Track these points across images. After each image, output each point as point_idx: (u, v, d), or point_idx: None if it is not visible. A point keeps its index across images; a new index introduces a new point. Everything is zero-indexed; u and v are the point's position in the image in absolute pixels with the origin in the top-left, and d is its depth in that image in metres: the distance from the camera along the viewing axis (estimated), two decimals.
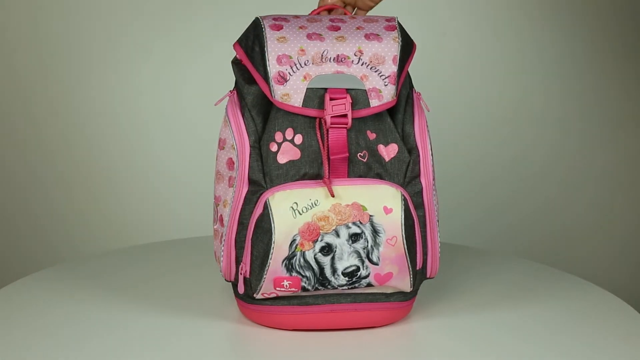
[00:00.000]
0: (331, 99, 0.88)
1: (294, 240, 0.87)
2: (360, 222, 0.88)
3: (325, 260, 0.88)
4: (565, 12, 1.87)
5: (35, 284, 1.09)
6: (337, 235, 0.87)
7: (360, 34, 0.92)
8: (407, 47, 0.94)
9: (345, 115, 0.88)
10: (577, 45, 1.89)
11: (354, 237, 0.88)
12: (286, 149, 0.89)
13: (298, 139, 0.90)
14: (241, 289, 0.91)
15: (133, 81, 1.88)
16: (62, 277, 1.11)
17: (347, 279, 0.89)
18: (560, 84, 1.90)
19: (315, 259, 0.88)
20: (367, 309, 0.92)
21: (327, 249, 0.88)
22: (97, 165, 1.91)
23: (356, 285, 0.89)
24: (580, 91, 1.90)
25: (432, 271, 0.95)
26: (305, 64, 0.89)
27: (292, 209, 0.87)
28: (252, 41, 0.92)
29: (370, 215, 0.88)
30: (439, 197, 1.79)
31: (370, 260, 0.88)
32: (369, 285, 0.90)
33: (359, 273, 0.89)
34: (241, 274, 0.90)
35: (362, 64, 0.90)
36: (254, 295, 0.90)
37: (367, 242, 0.88)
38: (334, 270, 0.88)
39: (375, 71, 0.90)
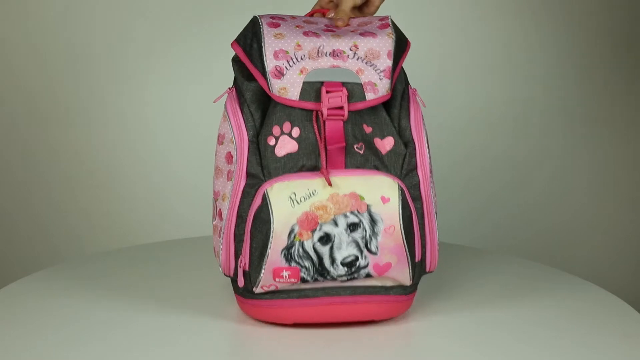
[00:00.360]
0: (327, 92, 0.90)
1: (292, 230, 0.87)
2: (358, 212, 0.88)
3: (324, 250, 0.88)
4: (557, 10, 1.87)
5: (35, 284, 1.09)
6: (336, 224, 0.88)
7: (355, 33, 0.94)
8: (401, 44, 0.96)
9: (341, 108, 0.89)
10: (569, 45, 1.89)
11: (352, 227, 0.88)
12: (284, 142, 0.90)
13: (295, 131, 0.91)
14: (241, 282, 0.91)
15: (137, 81, 1.88)
16: (63, 277, 1.12)
17: (346, 269, 0.89)
18: (559, 82, 1.90)
19: (314, 248, 0.88)
20: (367, 301, 0.92)
21: (326, 239, 0.88)
22: (99, 165, 1.91)
23: (355, 275, 0.90)
24: (579, 89, 1.91)
25: (431, 264, 0.95)
26: (301, 59, 0.91)
27: (290, 198, 0.88)
28: (250, 39, 0.94)
29: (368, 205, 0.88)
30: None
31: (369, 250, 0.89)
32: (368, 275, 0.90)
33: (357, 263, 0.89)
34: (240, 267, 0.91)
35: (357, 59, 0.92)
36: (254, 289, 0.91)
37: (366, 231, 0.89)
38: (332, 260, 0.89)
39: (371, 65, 0.92)
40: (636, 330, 0.96)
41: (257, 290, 0.91)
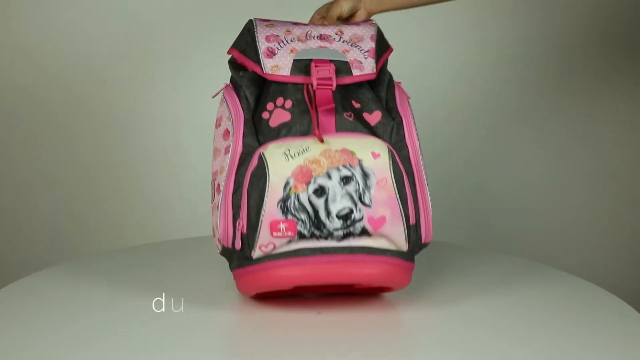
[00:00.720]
0: (316, 66, 0.96)
1: (287, 183, 0.91)
2: (351, 165, 0.92)
3: (319, 203, 0.91)
4: (555, 5, 1.88)
5: (35, 284, 1.09)
6: (329, 177, 0.91)
7: (340, 24, 1.04)
8: (384, 39, 1.03)
9: (329, 78, 0.95)
10: (567, 41, 1.89)
11: (345, 180, 0.92)
12: (277, 114, 0.95)
13: (288, 103, 0.96)
14: (238, 244, 0.93)
15: (146, 80, 1.89)
16: (63, 277, 1.12)
17: (341, 221, 0.92)
18: (559, 81, 1.90)
19: (310, 201, 0.91)
20: (364, 260, 0.94)
21: (321, 191, 0.91)
22: (102, 164, 1.91)
23: (351, 229, 0.92)
24: (578, 87, 1.91)
25: (426, 234, 0.97)
26: (291, 41, 0.99)
27: (285, 154, 0.92)
28: (245, 37, 1.00)
29: (360, 160, 0.92)
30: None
31: (363, 203, 0.92)
32: (364, 231, 0.92)
33: (352, 216, 0.92)
34: (238, 229, 0.92)
35: (342, 41, 1.00)
36: (252, 253, 0.93)
37: (359, 184, 0.92)
38: (328, 213, 0.91)
39: (355, 46, 0.99)
40: (636, 330, 0.96)
41: (256, 254, 0.93)
